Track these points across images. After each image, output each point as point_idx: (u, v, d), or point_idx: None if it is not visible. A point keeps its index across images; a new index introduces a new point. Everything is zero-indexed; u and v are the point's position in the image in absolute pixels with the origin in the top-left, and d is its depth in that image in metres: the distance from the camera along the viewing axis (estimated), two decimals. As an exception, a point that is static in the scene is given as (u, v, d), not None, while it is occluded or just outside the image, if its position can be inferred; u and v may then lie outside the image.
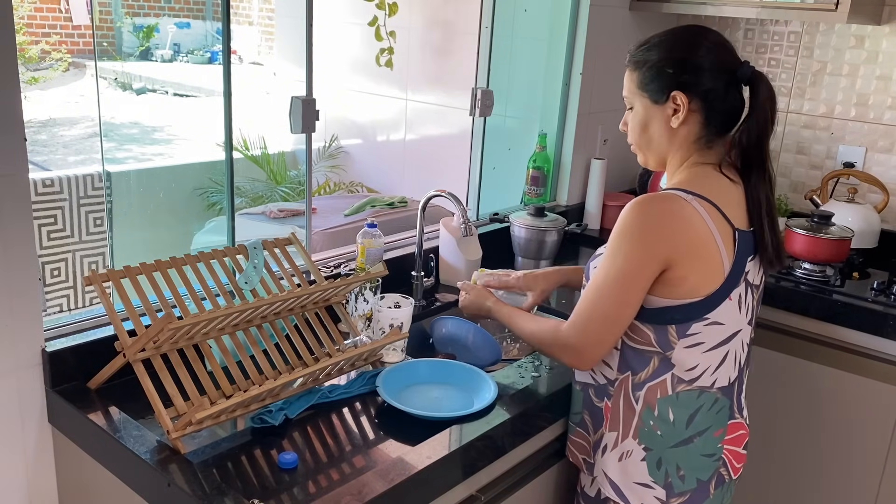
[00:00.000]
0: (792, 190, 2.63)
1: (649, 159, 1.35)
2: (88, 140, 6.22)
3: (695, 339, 1.23)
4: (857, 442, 2.04)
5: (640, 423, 1.28)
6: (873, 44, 2.41)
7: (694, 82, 1.24)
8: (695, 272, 1.20)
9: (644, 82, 1.28)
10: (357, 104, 4.01)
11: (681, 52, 1.26)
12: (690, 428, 1.27)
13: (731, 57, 1.27)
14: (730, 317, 1.24)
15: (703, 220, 1.19)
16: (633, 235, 1.20)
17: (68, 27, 7.89)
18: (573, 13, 2.42)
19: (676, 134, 1.28)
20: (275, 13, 5.63)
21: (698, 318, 1.22)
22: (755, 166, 1.27)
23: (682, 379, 1.25)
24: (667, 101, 1.26)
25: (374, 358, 1.52)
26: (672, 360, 1.25)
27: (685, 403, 1.26)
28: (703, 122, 1.27)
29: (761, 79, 1.26)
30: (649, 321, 1.24)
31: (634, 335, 1.26)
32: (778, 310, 2.13)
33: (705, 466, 1.29)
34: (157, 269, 1.38)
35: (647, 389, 1.27)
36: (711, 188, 1.24)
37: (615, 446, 1.31)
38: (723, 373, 1.28)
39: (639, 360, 1.27)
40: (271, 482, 1.14)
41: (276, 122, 4.01)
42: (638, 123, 1.32)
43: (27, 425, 1.36)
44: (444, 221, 2.01)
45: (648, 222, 1.20)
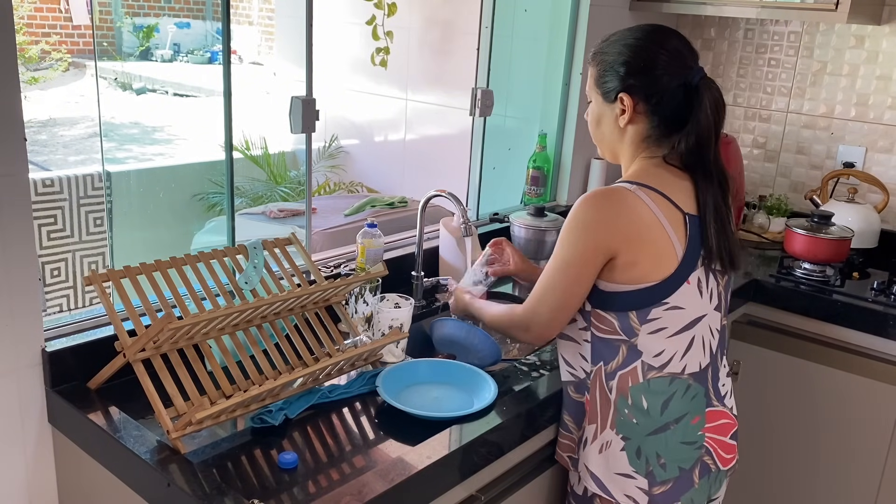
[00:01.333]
0: (792, 190, 2.63)
1: (604, 152, 1.41)
2: (88, 140, 6.22)
3: (657, 325, 1.26)
4: (857, 442, 2.04)
5: (616, 413, 1.29)
6: (873, 44, 2.41)
7: (641, 85, 1.28)
8: (644, 257, 1.24)
9: (599, 80, 1.33)
10: (357, 104, 4.01)
11: (633, 54, 1.29)
12: (665, 415, 1.29)
13: (684, 62, 1.28)
14: (690, 301, 1.27)
15: (647, 207, 1.24)
16: (575, 228, 1.27)
17: (68, 27, 7.89)
18: (573, 13, 2.42)
19: (625, 132, 1.33)
20: (275, 13, 5.63)
21: (656, 303, 1.25)
22: (698, 170, 1.29)
23: (652, 366, 1.28)
24: (615, 100, 1.31)
25: (374, 358, 1.52)
26: (639, 347, 1.27)
27: (657, 390, 1.28)
28: (650, 123, 1.30)
29: (708, 86, 1.27)
30: (611, 308, 1.28)
31: (600, 324, 1.30)
32: (778, 310, 2.13)
33: (686, 454, 1.30)
34: (157, 269, 1.38)
35: (619, 378, 1.29)
36: (659, 178, 1.28)
37: (594, 438, 1.32)
38: (692, 359, 1.29)
39: (608, 349, 1.30)
40: (271, 482, 1.14)
41: (276, 122, 4.01)
42: (592, 118, 1.38)
43: (27, 425, 1.36)
44: (444, 221, 2.01)
45: (590, 214, 1.25)
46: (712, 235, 1.27)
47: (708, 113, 1.26)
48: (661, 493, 1.29)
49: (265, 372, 1.40)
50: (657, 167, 1.31)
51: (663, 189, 1.26)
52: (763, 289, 2.14)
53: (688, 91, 1.27)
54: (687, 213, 1.27)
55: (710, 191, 1.28)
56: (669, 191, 1.27)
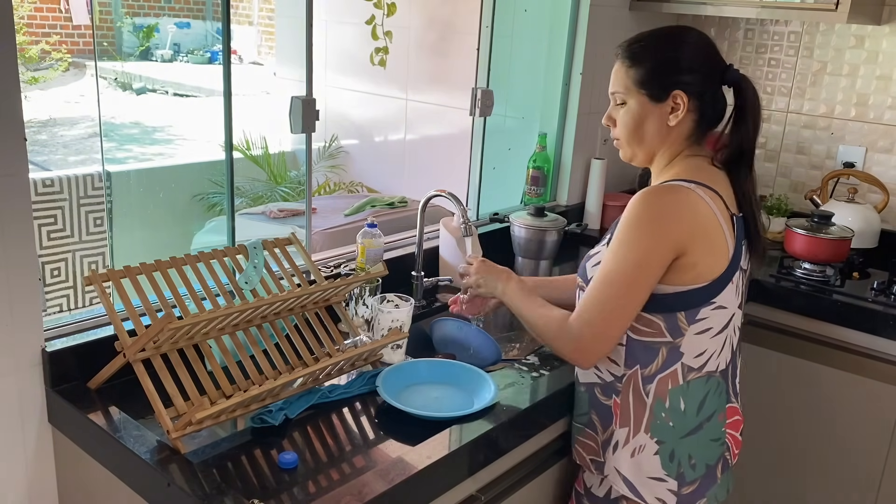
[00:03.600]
0: (792, 190, 2.63)
1: (638, 155, 1.36)
2: (88, 140, 6.21)
3: (704, 325, 1.26)
4: (857, 442, 2.04)
5: (652, 417, 1.29)
6: (873, 44, 2.41)
7: (693, 82, 1.28)
8: (704, 257, 1.23)
9: (643, 80, 1.30)
10: (357, 104, 4.01)
11: (680, 52, 1.30)
12: (700, 414, 1.30)
13: (720, 59, 1.32)
14: (730, 300, 1.28)
15: (707, 206, 1.23)
16: (643, 225, 1.22)
17: (68, 27, 7.89)
18: (573, 13, 2.42)
19: (671, 132, 1.31)
20: (275, 13, 5.63)
21: (706, 303, 1.25)
22: (744, 164, 1.31)
23: (692, 367, 1.28)
24: (667, 99, 1.29)
25: (374, 358, 1.52)
26: (681, 349, 1.27)
27: (695, 391, 1.29)
28: (696, 121, 1.31)
29: (747, 81, 1.30)
30: (659, 310, 1.26)
31: (643, 327, 1.27)
32: (778, 310, 2.13)
33: (713, 452, 1.32)
34: (157, 269, 1.38)
35: (658, 382, 1.28)
36: (708, 176, 1.28)
37: (626, 442, 1.31)
38: (723, 356, 1.31)
39: (647, 352, 1.28)
40: (271, 482, 1.14)
41: (276, 122, 4.01)
42: (632, 119, 1.32)
43: (27, 425, 1.36)
44: (444, 221, 2.00)
45: (658, 211, 1.23)
46: (759, 224, 1.30)
47: (756, 106, 1.29)
48: (689, 493, 1.31)
49: (265, 372, 1.40)
50: (703, 166, 1.31)
51: (715, 186, 1.27)
52: (763, 289, 2.14)
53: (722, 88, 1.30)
54: (734, 214, 1.28)
55: (749, 185, 1.31)
56: (719, 188, 1.27)
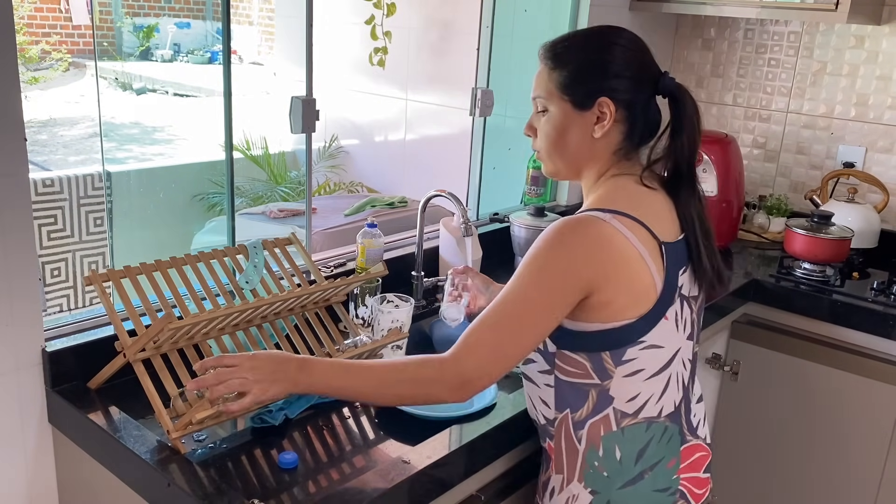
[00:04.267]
0: (792, 190, 2.63)
1: (561, 169, 1.24)
2: (88, 140, 6.22)
3: (633, 367, 1.14)
4: (857, 442, 2.04)
5: (585, 465, 1.17)
6: (873, 44, 2.41)
7: (621, 89, 1.16)
8: (621, 294, 1.11)
9: (566, 85, 1.18)
10: (357, 104, 4.01)
11: (609, 55, 1.16)
12: (640, 463, 1.17)
13: (654, 65, 1.19)
14: (668, 338, 1.15)
15: (625, 240, 1.10)
16: (546, 260, 1.10)
17: (68, 27, 7.89)
18: (573, 13, 2.42)
19: (596, 143, 1.18)
20: (275, 13, 5.63)
21: (632, 343, 1.12)
22: (685, 183, 1.19)
23: (626, 412, 1.15)
24: (591, 107, 1.16)
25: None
26: (611, 392, 1.15)
27: (633, 438, 1.16)
28: (624, 133, 1.18)
29: (684, 91, 1.18)
30: (582, 349, 1.14)
31: (569, 367, 1.16)
32: (778, 310, 2.13)
33: (659, 502, 1.19)
34: (157, 269, 1.38)
35: (590, 427, 1.16)
36: (632, 202, 1.15)
37: (561, 490, 1.20)
38: (667, 399, 1.18)
39: (576, 395, 1.16)
40: (271, 482, 1.14)
41: (276, 122, 4.01)
42: (553, 129, 1.20)
43: (27, 425, 1.36)
44: (444, 221, 2.00)
45: (565, 249, 1.10)
46: (704, 258, 1.17)
47: (693, 118, 1.17)
48: None
49: (265, 372, 1.40)
50: (627, 188, 1.17)
51: (638, 215, 1.12)
52: (763, 289, 2.14)
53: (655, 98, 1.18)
54: (663, 242, 1.13)
55: (693, 206, 1.19)
56: (645, 216, 1.13)
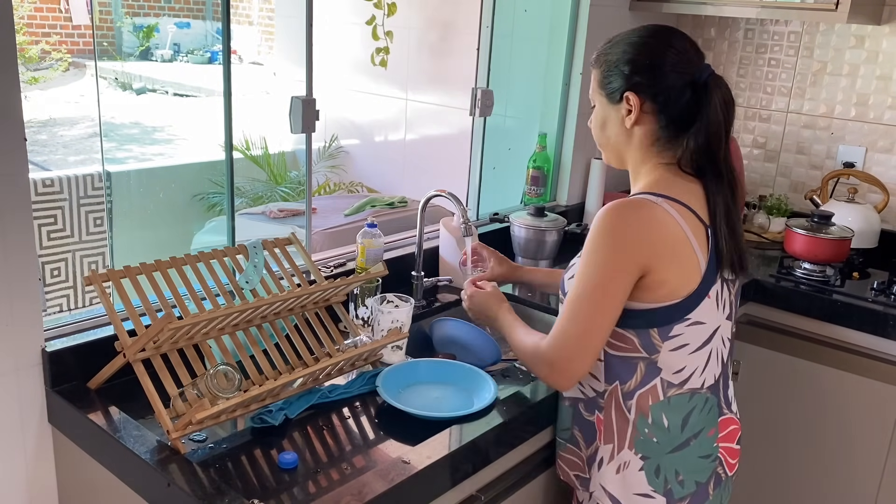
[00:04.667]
0: (792, 190, 2.63)
1: (610, 157, 1.37)
2: (88, 140, 6.21)
3: (679, 341, 1.22)
4: (857, 442, 2.04)
5: (636, 433, 1.26)
6: (873, 44, 2.41)
7: (647, 84, 1.24)
8: (673, 274, 1.19)
9: (602, 81, 1.31)
10: (357, 104, 4.01)
11: (638, 52, 1.26)
12: (685, 431, 1.26)
13: (691, 59, 1.25)
14: (710, 315, 1.24)
15: (675, 222, 1.19)
16: (607, 244, 1.19)
17: (68, 27, 7.89)
18: (573, 13, 2.41)
19: (632, 134, 1.28)
20: (275, 13, 5.63)
21: (679, 320, 1.21)
22: (707, 170, 1.25)
23: (672, 383, 1.24)
24: (620, 101, 1.27)
25: (374, 358, 1.52)
26: (658, 364, 1.23)
27: (678, 407, 1.25)
28: (658, 124, 1.26)
29: (717, 82, 1.24)
30: (631, 326, 1.23)
31: (618, 342, 1.24)
32: (778, 310, 2.13)
33: (703, 468, 1.28)
34: (157, 269, 1.38)
35: (639, 397, 1.25)
36: (678, 188, 1.24)
37: (611, 459, 1.28)
38: (709, 372, 1.27)
39: (625, 368, 1.25)
40: (271, 482, 1.14)
41: (276, 122, 4.01)
42: (597, 122, 1.34)
43: (27, 425, 1.36)
44: (444, 221, 2.00)
45: (622, 230, 1.19)
46: (724, 241, 1.23)
47: (717, 110, 1.22)
48: None
49: (265, 372, 1.40)
50: (673, 175, 1.26)
51: (685, 199, 1.22)
52: (763, 289, 2.14)
53: (696, 89, 1.24)
54: (708, 226, 1.23)
55: (721, 193, 1.25)
56: (689, 200, 1.22)
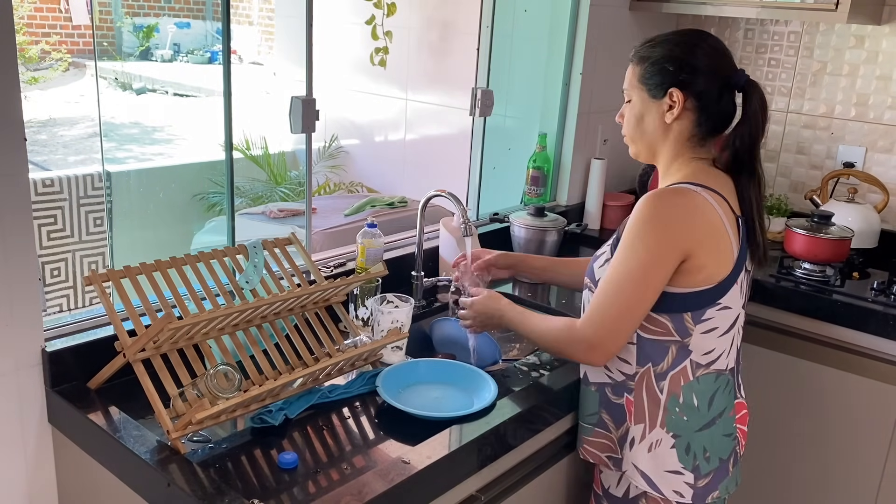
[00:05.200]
0: (792, 190, 2.63)
1: (641, 151, 1.42)
2: (88, 140, 6.22)
3: (710, 325, 1.29)
4: (857, 442, 2.04)
5: (667, 412, 1.32)
6: (873, 44, 2.41)
7: (691, 82, 1.32)
8: (711, 260, 1.26)
9: (644, 77, 1.36)
10: (357, 104, 4.01)
11: (682, 52, 1.33)
12: (712, 410, 1.33)
13: (728, 63, 1.34)
14: (735, 301, 1.32)
15: (714, 210, 1.26)
16: (651, 228, 1.25)
17: (68, 27, 7.89)
18: (573, 13, 2.41)
19: (670, 129, 1.35)
20: (275, 13, 5.63)
21: (712, 304, 1.28)
22: (745, 170, 1.33)
23: (700, 363, 1.31)
24: (664, 96, 1.33)
25: (374, 358, 1.52)
26: (689, 347, 1.30)
27: (705, 387, 1.32)
28: (695, 121, 1.34)
29: (755, 87, 1.33)
30: (666, 311, 1.29)
31: (651, 326, 1.31)
32: (778, 310, 2.13)
33: (726, 446, 1.36)
34: (157, 269, 1.38)
35: (671, 378, 1.31)
36: (713, 179, 1.31)
37: (643, 438, 1.34)
38: (731, 356, 1.36)
39: (657, 350, 1.31)
40: (271, 482, 1.14)
41: (276, 122, 4.01)
42: (634, 115, 1.39)
43: (27, 425, 1.36)
44: (444, 221, 2.01)
45: (667, 214, 1.26)
46: (759, 234, 1.32)
47: (758, 112, 1.31)
48: (704, 485, 1.34)
49: (265, 372, 1.40)
50: (707, 168, 1.34)
51: (720, 190, 1.29)
52: (763, 289, 2.14)
53: (732, 92, 1.33)
54: (739, 216, 1.31)
55: (753, 189, 1.33)
56: (723, 191, 1.30)
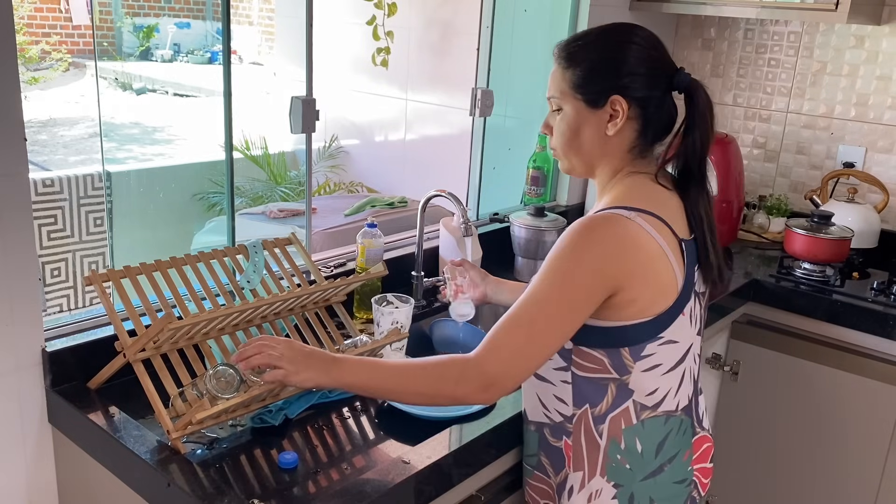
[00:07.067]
0: (792, 190, 2.63)
1: (576, 166, 1.25)
2: (88, 140, 6.22)
3: (651, 361, 1.15)
4: (857, 442, 2.04)
5: (607, 459, 1.19)
6: (873, 44, 2.41)
7: (633, 87, 1.16)
8: (646, 292, 1.12)
9: (578, 83, 1.19)
10: (357, 104, 4.01)
11: (619, 52, 1.17)
12: (660, 456, 1.20)
13: (668, 61, 1.19)
14: (683, 333, 1.17)
15: (650, 237, 1.11)
16: (572, 261, 1.10)
17: (68, 27, 7.90)
18: (573, 13, 2.42)
19: (609, 141, 1.19)
20: (275, 13, 5.63)
21: (652, 338, 1.14)
22: (695, 180, 1.19)
23: (645, 405, 1.17)
24: (604, 105, 1.17)
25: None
26: (630, 386, 1.16)
27: (652, 431, 1.19)
28: (638, 131, 1.18)
29: (699, 87, 1.17)
30: (600, 345, 1.15)
31: (587, 363, 1.17)
32: (778, 310, 2.13)
33: (678, 494, 1.22)
34: (157, 269, 1.38)
35: (610, 421, 1.18)
36: (650, 200, 1.16)
37: (582, 487, 1.21)
38: (682, 393, 1.21)
39: (595, 390, 1.18)
40: (271, 482, 1.14)
41: (276, 122, 4.01)
42: (567, 128, 1.22)
43: (27, 425, 1.36)
44: (444, 221, 2.00)
45: (593, 248, 1.10)
46: (711, 254, 1.19)
47: (705, 115, 1.17)
48: None
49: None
50: (645, 186, 1.18)
51: (659, 212, 1.14)
52: (763, 289, 2.14)
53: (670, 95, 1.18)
54: (682, 240, 1.16)
55: (702, 203, 1.20)
56: (664, 213, 1.15)
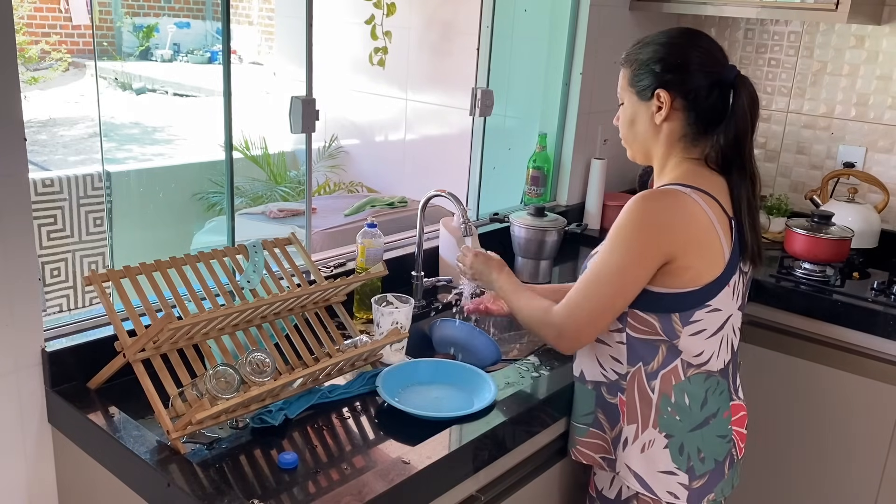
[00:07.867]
0: (792, 190, 2.63)
1: (636, 153, 1.42)
2: (88, 140, 6.22)
3: (698, 327, 1.28)
4: (857, 442, 2.04)
5: (659, 412, 1.32)
6: (873, 44, 2.41)
7: (678, 81, 1.30)
8: (698, 262, 1.25)
9: (633, 79, 1.36)
10: (357, 104, 4.01)
11: (668, 52, 1.32)
12: (704, 410, 1.33)
13: (718, 60, 1.32)
14: (726, 303, 1.30)
15: (703, 212, 1.25)
16: (635, 230, 1.25)
17: (68, 27, 7.90)
18: (573, 13, 2.41)
19: (661, 130, 1.34)
20: (275, 13, 5.63)
21: (700, 306, 1.27)
22: (734, 166, 1.32)
23: (691, 364, 1.31)
24: (651, 98, 1.33)
25: (374, 358, 1.52)
26: (679, 347, 1.29)
27: (696, 387, 1.32)
28: (686, 120, 1.32)
29: (744, 82, 1.30)
30: (653, 310, 1.28)
31: (639, 325, 1.30)
32: (778, 310, 2.13)
33: (721, 448, 1.35)
34: (157, 269, 1.38)
35: (661, 378, 1.31)
36: (704, 180, 1.30)
37: (636, 438, 1.34)
38: (721, 357, 1.34)
39: (647, 350, 1.31)
40: (271, 482, 1.14)
41: (276, 122, 4.01)
42: (627, 118, 1.39)
43: (27, 425, 1.36)
44: (444, 221, 2.01)
45: (650, 217, 1.25)
46: (748, 234, 1.31)
47: (745, 108, 1.29)
48: (699, 487, 1.33)
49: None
50: (700, 168, 1.32)
51: (711, 191, 1.28)
52: (763, 289, 2.14)
53: (723, 89, 1.30)
54: (732, 217, 1.30)
55: (744, 187, 1.32)
56: (715, 192, 1.29)
